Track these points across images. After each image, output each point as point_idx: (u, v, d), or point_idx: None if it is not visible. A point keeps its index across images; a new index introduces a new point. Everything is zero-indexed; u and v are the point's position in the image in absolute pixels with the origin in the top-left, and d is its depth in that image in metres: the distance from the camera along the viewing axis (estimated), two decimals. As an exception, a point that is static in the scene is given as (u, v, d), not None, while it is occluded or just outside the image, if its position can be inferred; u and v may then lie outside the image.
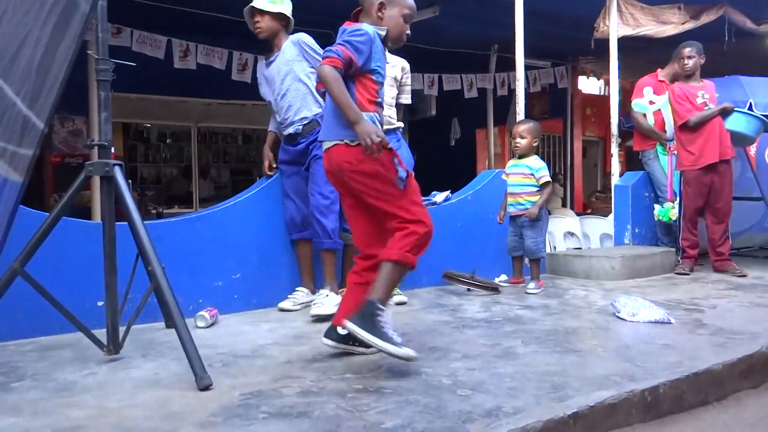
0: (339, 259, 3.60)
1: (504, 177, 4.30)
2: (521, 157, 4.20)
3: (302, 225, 3.53)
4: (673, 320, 3.07)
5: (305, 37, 3.49)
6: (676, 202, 4.93)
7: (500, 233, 4.37)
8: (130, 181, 3.08)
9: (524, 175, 4.14)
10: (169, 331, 2.82)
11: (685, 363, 2.33)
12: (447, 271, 4.05)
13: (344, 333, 2.41)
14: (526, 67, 5.37)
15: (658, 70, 5.35)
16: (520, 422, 1.76)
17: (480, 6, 6.64)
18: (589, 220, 6.41)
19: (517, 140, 4.17)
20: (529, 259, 4.18)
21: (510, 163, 4.31)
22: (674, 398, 2.14)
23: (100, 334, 2.47)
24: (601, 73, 9.91)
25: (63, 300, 2.41)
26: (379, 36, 2.47)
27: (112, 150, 2.48)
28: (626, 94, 5.95)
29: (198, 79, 7.05)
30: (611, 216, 5.40)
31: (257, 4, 3.40)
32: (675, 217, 4.92)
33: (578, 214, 7.54)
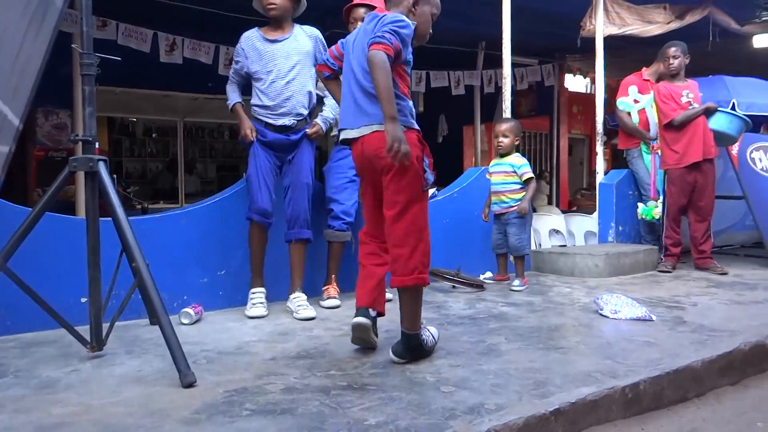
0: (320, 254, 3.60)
1: (487, 176, 4.33)
2: (503, 156, 4.23)
3: (269, 214, 3.37)
4: (654, 317, 3.11)
5: (320, 35, 3.47)
6: (659, 200, 4.98)
7: (485, 230, 4.39)
8: (114, 176, 3.06)
9: (507, 173, 4.17)
10: (154, 328, 2.82)
11: (666, 360, 2.37)
12: (432, 268, 4.05)
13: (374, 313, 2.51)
14: (513, 65, 5.40)
15: (643, 69, 5.39)
16: (502, 419, 1.78)
17: (468, 3, 6.65)
18: (575, 218, 6.46)
19: (500, 139, 4.19)
20: (513, 257, 4.21)
21: (492, 162, 4.34)
22: (654, 395, 2.17)
23: (83, 331, 2.46)
24: (588, 71, 9.97)
25: (46, 296, 2.40)
26: None
27: (97, 145, 2.46)
28: (612, 93, 5.99)
29: (184, 74, 7.00)
30: (596, 213, 5.45)
31: None
32: (658, 216, 4.98)
33: (564, 212, 7.59)
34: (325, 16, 7.22)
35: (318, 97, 3.53)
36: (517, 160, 4.18)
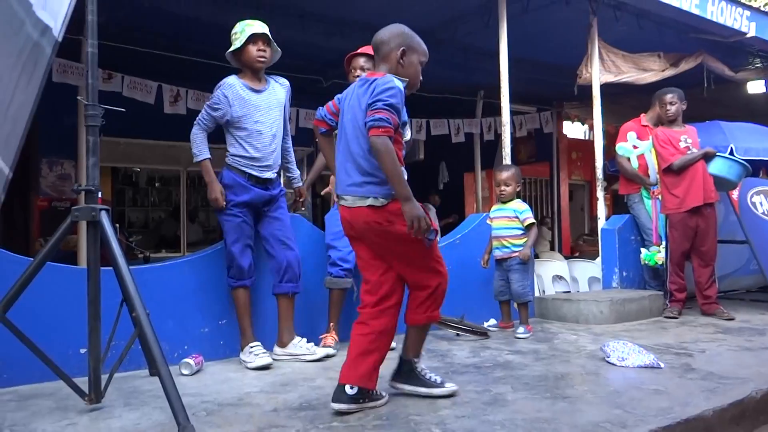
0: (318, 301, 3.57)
1: (488, 222, 4.33)
2: (505, 202, 4.24)
3: (252, 273, 3.35)
4: (662, 365, 3.05)
5: (289, 86, 3.54)
6: (662, 246, 4.97)
7: (489, 277, 4.36)
8: (117, 225, 3.06)
9: (509, 218, 4.18)
10: (153, 379, 2.77)
11: (676, 409, 2.31)
12: (436, 315, 4.02)
13: (353, 392, 2.33)
14: (511, 113, 5.49)
15: (642, 114, 5.46)
16: (510, 472, 1.73)
17: (465, 53, 6.81)
18: (577, 264, 6.43)
19: (502, 188, 4.21)
20: (517, 303, 4.17)
21: (494, 208, 4.35)
22: (666, 445, 2.11)
23: (82, 382, 2.41)
24: (585, 118, 10.11)
25: (45, 347, 2.37)
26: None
27: (99, 195, 2.47)
28: (611, 139, 6.06)
29: (188, 124, 7.05)
30: (599, 259, 5.42)
31: (267, 31, 3.33)
32: (661, 262, 4.95)
33: (566, 258, 7.57)
34: (325, 68, 7.41)
35: None
36: (519, 205, 4.19)
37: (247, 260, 3.30)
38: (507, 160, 4.84)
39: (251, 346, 3.27)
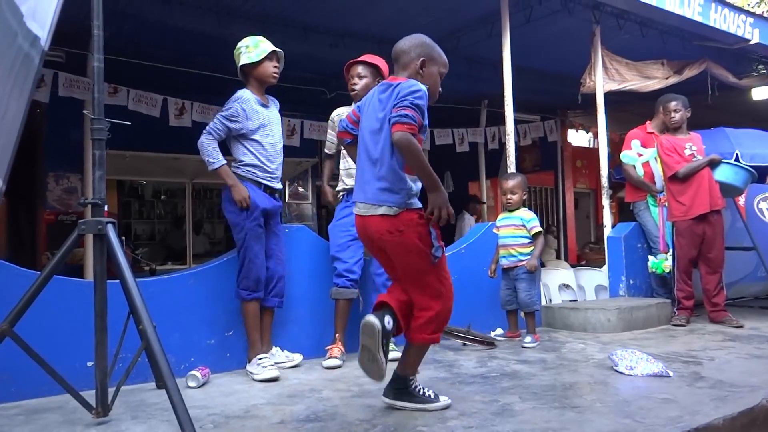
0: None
1: (495, 231, 4.32)
2: (511, 211, 4.23)
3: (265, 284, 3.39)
4: (671, 373, 3.03)
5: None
6: (669, 253, 4.94)
7: (495, 286, 4.35)
8: (123, 237, 3.08)
9: (516, 227, 4.17)
10: (160, 392, 2.76)
11: (686, 418, 2.29)
12: (442, 325, 4.01)
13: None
14: (515, 122, 5.49)
15: (647, 122, 5.45)
16: (519, 483, 1.72)
17: (469, 64, 6.83)
18: (584, 272, 6.40)
19: (509, 196, 4.21)
20: (524, 313, 4.15)
21: (500, 216, 4.34)
22: (676, 455, 2.09)
23: (89, 396, 2.41)
24: (590, 126, 10.10)
25: (52, 360, 2.37)
26: None
27: (106, 208, 2.48)
28: (615, 147, 6.05)
29: (193, 137, 7.09)
30: (605, 267, 5.40)
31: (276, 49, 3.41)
32: (668, 269, 4.92)
33: (572, 266, 7.54)
34: (329, 79, 7.44)
35: None
36: (526, 214, 4.19)
37: (264, 272, 3.34)
38: (512, 169, 4.84)
39: (259, 358, 3.26)
